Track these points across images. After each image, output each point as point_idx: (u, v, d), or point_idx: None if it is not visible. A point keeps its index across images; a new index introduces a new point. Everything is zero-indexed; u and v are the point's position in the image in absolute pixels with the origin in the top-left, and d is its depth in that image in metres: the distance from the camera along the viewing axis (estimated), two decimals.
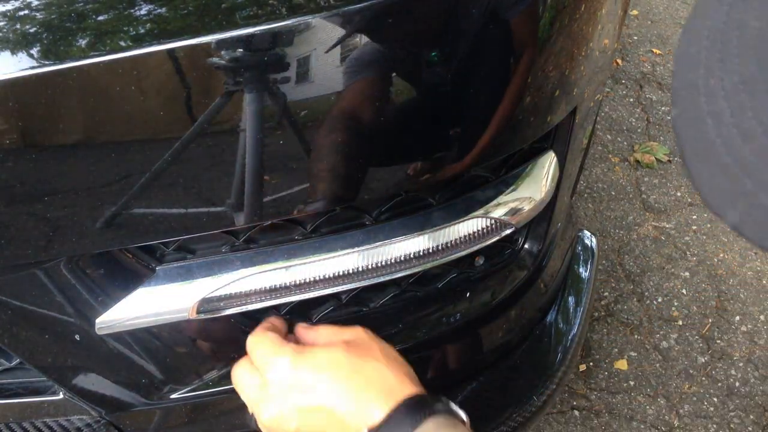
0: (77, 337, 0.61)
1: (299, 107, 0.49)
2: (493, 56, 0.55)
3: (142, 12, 0.45)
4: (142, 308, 0.59)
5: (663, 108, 2.35)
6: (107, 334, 0.60)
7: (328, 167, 0.54)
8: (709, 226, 1.78)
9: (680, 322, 1.57)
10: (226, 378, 0.65)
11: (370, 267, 0.61)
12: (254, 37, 0.46)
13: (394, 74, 0.52)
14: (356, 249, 0.61)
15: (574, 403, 1.43)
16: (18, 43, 0.44)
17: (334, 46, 0.48)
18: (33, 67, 0.44)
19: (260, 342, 0.59)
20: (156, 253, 0.60)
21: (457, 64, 0.53)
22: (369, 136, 0.54)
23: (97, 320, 0.59)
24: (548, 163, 0.69)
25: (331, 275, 0.61)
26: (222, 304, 0.60)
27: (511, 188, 0.66)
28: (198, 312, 0.59)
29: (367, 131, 0.53)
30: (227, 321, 0.63)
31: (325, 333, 0.61)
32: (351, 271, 0.61)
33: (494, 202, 0.65)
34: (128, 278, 0.60)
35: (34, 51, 0.44)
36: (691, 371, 1.50)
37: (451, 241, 0.63)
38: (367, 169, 0.55)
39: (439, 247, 0.63)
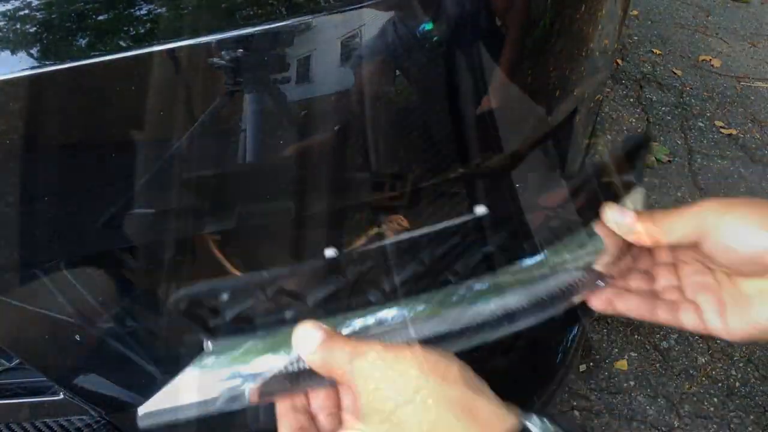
0: (77, 337, 0.61)
1: (299, 107, 0.49)
2: (491, 56, 0.55)
3: (142, 12, 0.45)
4: (192, 393, 0.54)
5: (663, 108, 2.35)
6: (150, 425, 0.55)
7: (325, 170, 0.54)
8: None
9: None
10: None
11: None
12: (254, 37, 0.46)
13: (392, 74, 0.52)
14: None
15: (575, 403, 1.43)
16: (18, 43, 0.44)
17: (334, 46, 0.48)
18: (33, 67, 0.44)
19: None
20: (206, 321, 0.55)
21: (456, 64, 0.53)
22: (366, 136, 0.54)
23: (139, 409, 0.55)
24: None
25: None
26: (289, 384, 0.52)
27: None
28: (261, 395, 0.53)
29: (364, 131, 0.53)
30: None
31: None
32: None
33: None
34: (130, 280, 0.60)
35: (34, 51, 0.44)
36: (691, 371, 1.50)
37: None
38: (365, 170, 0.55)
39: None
